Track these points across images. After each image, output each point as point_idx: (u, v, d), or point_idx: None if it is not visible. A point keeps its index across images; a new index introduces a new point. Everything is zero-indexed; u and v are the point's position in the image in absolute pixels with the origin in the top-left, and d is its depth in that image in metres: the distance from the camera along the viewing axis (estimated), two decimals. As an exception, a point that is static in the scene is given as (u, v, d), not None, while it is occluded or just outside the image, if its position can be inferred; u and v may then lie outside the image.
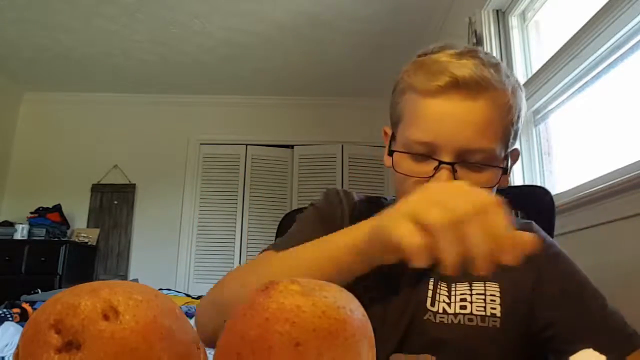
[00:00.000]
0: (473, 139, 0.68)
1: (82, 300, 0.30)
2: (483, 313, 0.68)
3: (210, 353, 0.38)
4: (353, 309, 0.33)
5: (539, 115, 2.06)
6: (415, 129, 0.71)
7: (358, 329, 0.33)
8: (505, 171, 0.72)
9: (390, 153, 0.75)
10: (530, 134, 2.12)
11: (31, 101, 4.56)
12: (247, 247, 4.33)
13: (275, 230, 1.07)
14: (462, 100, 0.68)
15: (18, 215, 4.12)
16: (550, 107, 1.98)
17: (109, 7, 3.20)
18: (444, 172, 0.68)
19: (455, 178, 0.68)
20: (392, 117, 0.78)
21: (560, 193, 1.71)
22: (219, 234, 4.38)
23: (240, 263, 4.30)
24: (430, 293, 0.71)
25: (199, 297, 3.45)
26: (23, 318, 2.46)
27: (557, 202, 0.93)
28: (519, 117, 0.74)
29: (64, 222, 4.17)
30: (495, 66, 0.71)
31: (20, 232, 3.91)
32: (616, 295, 1.37)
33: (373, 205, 0.82)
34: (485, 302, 0.68)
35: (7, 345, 2.13)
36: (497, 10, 2.35)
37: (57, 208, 4.14)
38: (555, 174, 2.00)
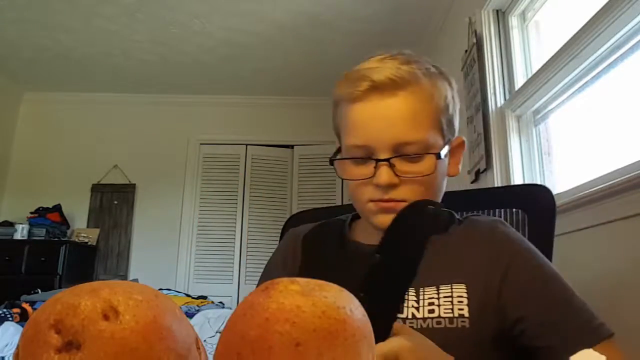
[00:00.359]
0: (402, 133, 0.72)
1: (82, 300, 0.30)
2: (451, 315, 0.68)
3: (210, 353, 0.38)
4: (353, 309, 0.33)
5: (539, 115, 2.06)
6: (349, 136, 0.76)
7: (358, 329, 0.33)
8: (439, 156, 0.74)
9: (331, 162, 0.81)
10: (530, 134, 2.12)
11: (31, 101, 4.56)
12: (247, 247, 4.33)
13: (275, 231, 1.08)
14: (383, 100, 0.73)
15: (18, 215, 4.12)
16: (550, 107, 1.98)
17: (109, 7, 3.20)
18: (383, 169, 0.72)
19: (394, 172, 0.72)
20: (335, 131, 0.83)
21: (560, 193, 1.71)
22: (219, 234, 4.38)
23: (240, 263, 4.30)
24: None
25: (199, 297, 3.45)
26: (23, 318, 2.46)
27: (557, 202, 0.93)
28: (447, 105, 0.77)
29: (64, 222, 4.17)
30: (416, 62, 0.77)
31: (20, 232, 3.91)
32: (616, 295, 1.37)
33: (324, 229, 0.88)
34: (452, 304, 0.69)
35: (7, 345, 2.13)
36: (497, 10, 2.35)
37: (57, 208, 4.14)
38: (555, 174, 2.00)
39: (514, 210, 0.94)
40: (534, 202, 0.93)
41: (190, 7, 3.19)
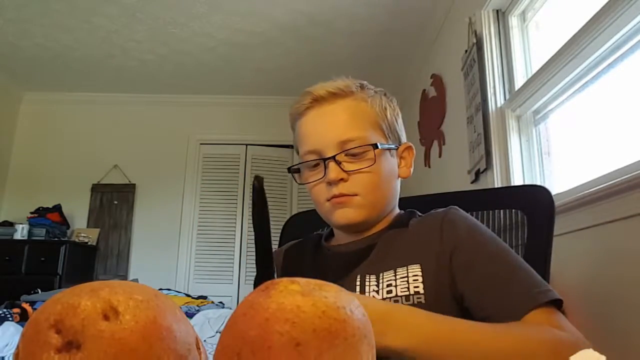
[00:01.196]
0: (343, 132, 0.83)
1: (82, 300, 0.30)
2: (407, 293, 0.75)
3: (210, 353, 0.38)
4: (353, 309, 0.33)
5: (539, 115, 2.06)
6: (302, 146, 0.88)
7: (358, 329, 0.33)
8: (376, 146, 0.82)
9: (290, 171, 0.92)
10: (530, 134, 2.12)
11: (31, 101, 4.56)
12: (247, 247, 4.33)
13: (275, 231, 1.10)
14: (323, 108, 0.86)
15: (18, 215, 4.12)
16: (550, 107, 1.98)
17: (109, 7, 3.20)
18: (331, 166, 0.82)
19: (342, 169, 0.81)
20: (296, 151, 0.93)
21: (560, 193, 1.71)
22: (219, 234, 4.38)
23: (240, 263, 4.30)
24: (358, 287, 0.79)
25: (199, 297, 3.45)
26: (23, 318, 2.46)
27: (557, 202, 0.93)
28: (384, 111, 0.87)
29: (64, 222, 4.17)
30: (354, 83, 0.89)
31: (20, 232, 3.91)
32: (616, 295, 1.37)
33: (303, 242, 0.97)
34: (408, 283, 0.75)
35: (7, 345, 2.13)
36: (497, 10, 2.35)
37: (57, 208, 4.14)
38: (555, 174, 2.00)
39: (513, 210, 0.94)
40: (534, 203, 0.93)
41: (190, 7, 3.19)
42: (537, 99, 1.99)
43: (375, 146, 0.82)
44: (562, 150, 1.98)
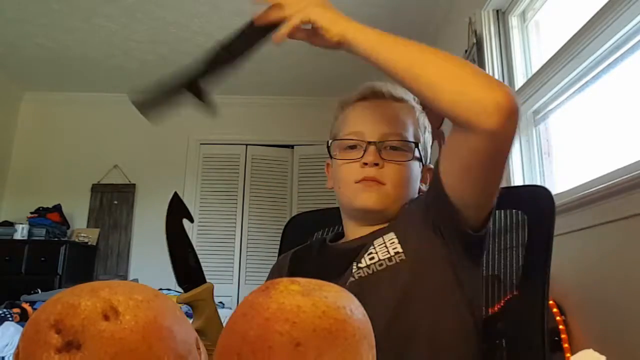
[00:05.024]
0: (390, 127, 0.89)
1: (82, 300, 0.30)
2: (388, 255, 0.81)
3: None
4: (353, 309, 0.33)
5: (539, 115, 2.06)
6: (348, 126, 0.92)
7: (358, 329, 0.33)
8: (417, 146, 0.90)
9: (328, 144, 0.95)
10: (530, 134, 2.12)
11: (31, 101, 4.55)
12: (247, 247, 4.33)
13: (275, 231, 1.12)
14: (379, 102, 0.92)
15: (18, 215, 4.12)
16: (550, 107, 1.98)
17: (109, 7, 3.20)
18: (371, 149, 0.87)
19: (381, 156, 0.87)
20: (332, 134, 0.98)
21: (560, 193, 1.71)
22: (219, 234, 4.37)
23: (240, 263, 4.30)
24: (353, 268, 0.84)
25: (199, 297, 3.44)
26: (23, 318, 2.46)
27: (557, 202, 0.93)
28: (424, 130, 0.95)
29: (64, 222, 4.16)
30: (413, 97, 0.94)
31: (20, 232, 3.91)
32: (616, 295, 1.37)
33: (310, 244, 1.02)
34: (387, 248, 0.82)
35: (7, 345, 2.13)
36: (497, 10, 2.35)
37: (57, 208, 4.14)
38: (555, 174, 2.00)
39: (513, 211, 0.94)
40: (534, 203, 0.93)
41: (190, 7, 3.19)
42: (537, 99, 1.99)
43: (416, 144, 0.90)
44: (562, 151, 1.98)
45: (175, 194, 0.66)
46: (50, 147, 4.47)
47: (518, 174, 2.08)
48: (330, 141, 0.95)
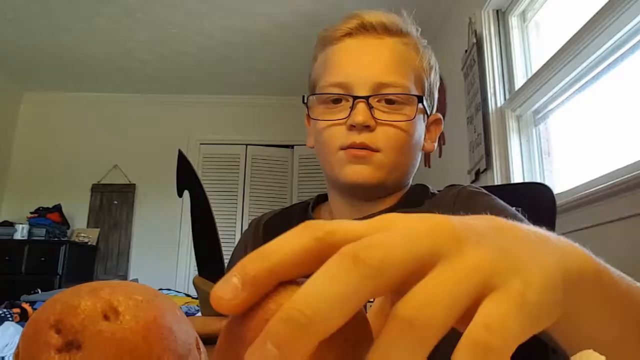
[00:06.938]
0: (384, 73, 0.68)
1: (82, 300, 0.30)
2: None
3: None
4: (353, 309, 0.33)
5: (539, 115, 2.06)
6: (328, 75, 0.71)
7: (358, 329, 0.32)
8: (421, 100, 0.70)
9: (304, 100, 0.75)
10: (530, 134, 2.12)
11: (31, 101, 4.56)
12: (247, 247, 4.32)
13: None
14: (369, 39, 0.71)
15: (18, 215, 4.12)
16: (550, 107, 1.98)
17: (109, 7, 3.20)
18: (360, 106, 0.67)
19: (372, 114, 0.67)
20: (309, 88, 0.78)
21: (560, 193, 1.71)
22: (219, 233, 4.37)
23: (240, 263, 4.30)
24: None
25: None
26: (23, 318, 2.46)
27: (557, 202, 0.93)
28: (430, 69, 0.75)
29: (64, 222, 4.16)
30: (416, 27, 0.76)
31: (20, 232, 3.91)
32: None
33: (286, 215, 0.82)
34: None
35: (7, 345, 2.13)
36: (497, 10, 2.35)
37: (57, 208, 4.14)
38: (555, 174, 2.00)
39: (514, 208, 0.94)
40: (535, 200, 0.93)
41: (190, 7, 3.19)
42: (537, 99, 1.99)
43: (420, 99, 0.69)
44: (562, 150, 1.98)
45: (180, 152, 0.54)
46: (50, 147, 4.47)
47: (518, 174, 2.08)
48: (306, 96, 0.76)
